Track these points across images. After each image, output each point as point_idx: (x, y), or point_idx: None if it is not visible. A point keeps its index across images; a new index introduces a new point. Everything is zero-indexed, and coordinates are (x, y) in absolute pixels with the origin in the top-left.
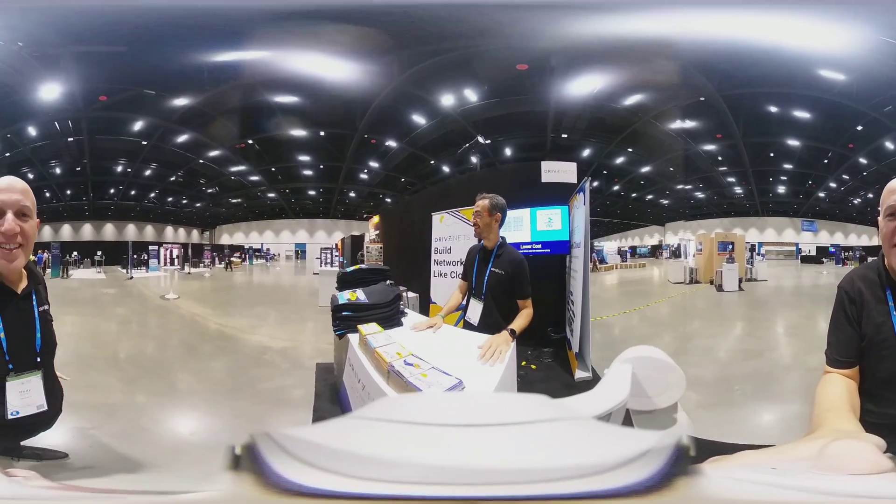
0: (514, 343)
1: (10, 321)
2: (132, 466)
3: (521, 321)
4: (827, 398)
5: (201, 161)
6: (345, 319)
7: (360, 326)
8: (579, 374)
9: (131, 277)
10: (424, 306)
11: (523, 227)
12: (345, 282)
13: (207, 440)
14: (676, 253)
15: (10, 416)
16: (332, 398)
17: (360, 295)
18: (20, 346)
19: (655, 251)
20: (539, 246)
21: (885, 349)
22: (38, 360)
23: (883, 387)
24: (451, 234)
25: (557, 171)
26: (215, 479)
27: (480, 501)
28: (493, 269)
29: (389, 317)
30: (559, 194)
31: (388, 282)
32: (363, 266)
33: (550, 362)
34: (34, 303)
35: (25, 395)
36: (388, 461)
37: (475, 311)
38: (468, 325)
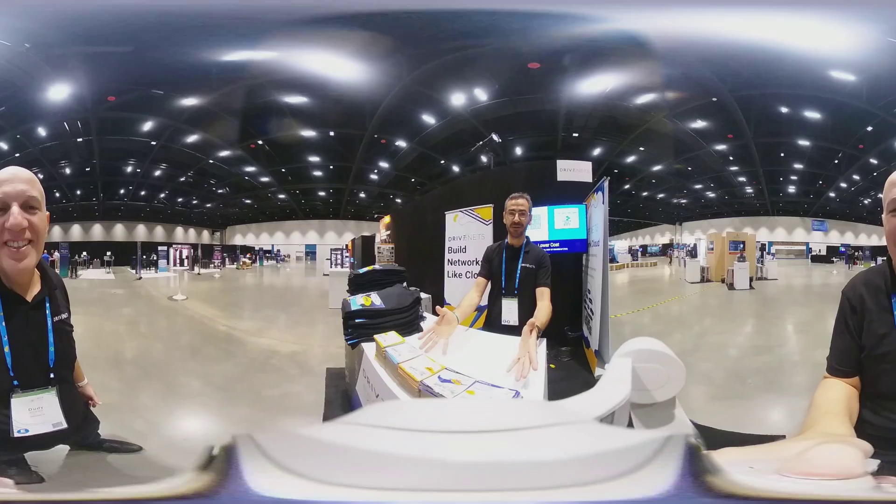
0: (542, 341)
1: (16, 333)
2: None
3: (543, 317)
4: (823, 402)
5: (211, 161)
6: (358, 327)
7: (376, 337)
8: (599, 371)
9: (140, 278)
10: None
11: (541, 225)
12: (357, 284)
13: (194, 448)
14: (693, 252)
15: (16, 434)
16: (343, 405)
17: (374, 299)
18: (28, 360)
19: (666, 250)
20: (557, 244)
21: (886, 363)
22: (52, 375)
23: (883, 400)
24: (466, 233)
25: (573, 170)
26: (185, 480)
27: None
28: (523, 264)
29: (408, 322)
30: (574, 193)
31: (404, 284)
32: (377, 267)
33: (569, 361)
34: (48, 311)
35: (37, 412)
36: (384, 468)
37: (511, 309)
38: (507, 327)
